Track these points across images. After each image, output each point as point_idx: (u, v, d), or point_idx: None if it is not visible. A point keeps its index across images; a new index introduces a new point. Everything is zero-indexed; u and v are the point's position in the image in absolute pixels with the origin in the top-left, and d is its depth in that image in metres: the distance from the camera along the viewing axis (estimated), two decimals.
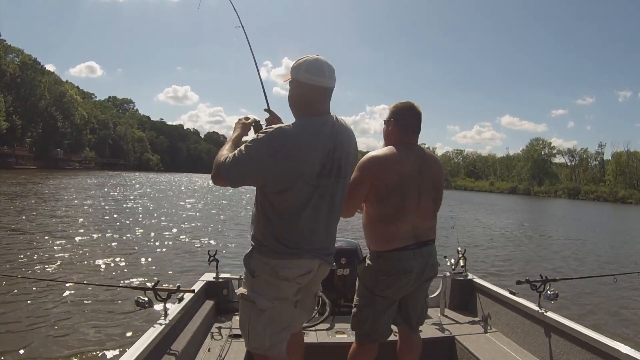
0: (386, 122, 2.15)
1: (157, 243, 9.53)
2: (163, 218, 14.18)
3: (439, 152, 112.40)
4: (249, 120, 1.95)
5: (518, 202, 48.85)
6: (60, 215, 13.37)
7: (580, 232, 18.72)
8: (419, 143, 2.17)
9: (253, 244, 1.75)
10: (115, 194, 24.77)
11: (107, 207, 16.82)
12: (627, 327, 5.79)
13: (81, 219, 12.63)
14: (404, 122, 2.10)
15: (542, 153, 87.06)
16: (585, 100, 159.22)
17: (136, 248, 8.81)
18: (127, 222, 12.60)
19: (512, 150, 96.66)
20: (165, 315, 2.28)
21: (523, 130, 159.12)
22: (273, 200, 1.67)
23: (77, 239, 9.33)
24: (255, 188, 1.75)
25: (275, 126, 1.65)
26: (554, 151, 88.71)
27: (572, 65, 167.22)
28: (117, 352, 3.87)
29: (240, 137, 1.87)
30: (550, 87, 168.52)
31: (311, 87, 1.69)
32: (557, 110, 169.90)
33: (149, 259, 7.83)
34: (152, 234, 10.80)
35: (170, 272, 6.94)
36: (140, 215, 14.45)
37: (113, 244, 9.01)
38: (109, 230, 10.80)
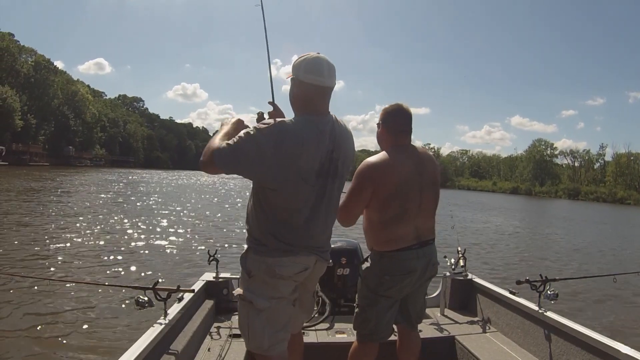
0: (378, 125, 2.18)
1: (157, 242, 9.46)
2: (165, 217, 14.07)
3: (446, 151, 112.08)
4: (245, 122, 1.90)
5: (518, 202, 48.11)
6: (63, 213, 13.36)
7: (579, 232, 18.48)
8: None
9: (249, 243, 1.76)
10: (122, 191, 24.85)
11: (111, 205, 16.81)
12: (627, 327, 5.72)
13: (83, 217, 12.59)
14: (393, 124, 2.12)
15: (545, 154, 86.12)
16: (596, 101, 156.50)
17: (137, 247, 8.76)
18: (129, 220, 12.52)
19: (520, 151, 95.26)
20: (165, 315, 2.29)
21: (533, 130, 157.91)
22: (271, 197, 1.68)
23: (77, 237, 9.27)
24: (252, 185, 1.75)
25: (278, 120, 1.65)
26: (556, 152, 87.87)
27: (582, 66, 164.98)
28: (117, 351, 3.86)
29: (232, 132, 1.77)
30: (560, 87, 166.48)
31: (310, 86, 1.70)
32: (567, 111, 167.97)
33: (149, 259, 7.78)
34: (153, 233, 10.68)
35: (170, 272, 6.87)
36: (143, 214, 14.39)
37: (114, 243, 8.95)
38: (110, 229, 10.74)
